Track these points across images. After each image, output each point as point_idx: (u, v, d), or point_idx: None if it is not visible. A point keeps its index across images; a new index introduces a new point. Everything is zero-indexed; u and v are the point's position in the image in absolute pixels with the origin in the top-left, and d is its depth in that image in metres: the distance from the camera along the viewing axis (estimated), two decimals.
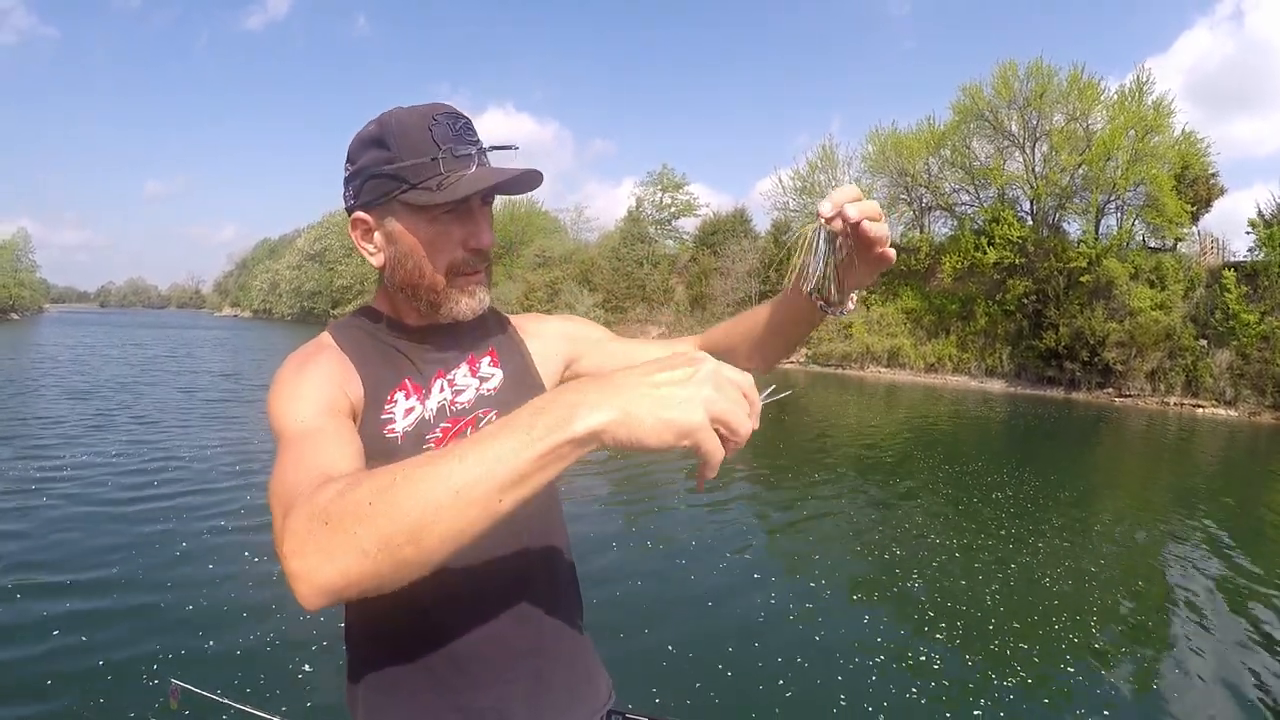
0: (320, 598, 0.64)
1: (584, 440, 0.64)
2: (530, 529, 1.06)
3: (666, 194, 42.15)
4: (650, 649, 4.02)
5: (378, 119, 0.96)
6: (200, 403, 13.23)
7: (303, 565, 0.64)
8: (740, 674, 3.82)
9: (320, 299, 66.51)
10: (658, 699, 3.53)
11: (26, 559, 4.96)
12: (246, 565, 4.98)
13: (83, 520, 5.82)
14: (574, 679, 1.10)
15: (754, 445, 9.38)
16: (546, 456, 0.63)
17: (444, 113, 0.95)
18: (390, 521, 0.62)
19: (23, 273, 71.75)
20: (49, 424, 10.21)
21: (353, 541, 0.62)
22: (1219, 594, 5.46)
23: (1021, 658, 4.16)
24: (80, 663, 3.59)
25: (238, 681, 3.44)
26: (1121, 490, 9.85)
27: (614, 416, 0.64)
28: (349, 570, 0.63)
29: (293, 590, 0.65)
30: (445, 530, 0.62)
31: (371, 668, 1.00)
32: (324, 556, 0.63)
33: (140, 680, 3.45)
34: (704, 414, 0.65)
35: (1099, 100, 25.66)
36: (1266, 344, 20.13)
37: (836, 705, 3.55)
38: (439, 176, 0.91)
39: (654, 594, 4.87)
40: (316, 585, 0.64)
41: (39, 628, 3.96)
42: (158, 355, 25.09)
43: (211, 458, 8.35)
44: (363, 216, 0.97)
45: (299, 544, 0.65)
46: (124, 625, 4.04)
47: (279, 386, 0.93)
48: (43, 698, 3.30)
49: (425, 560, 0.63)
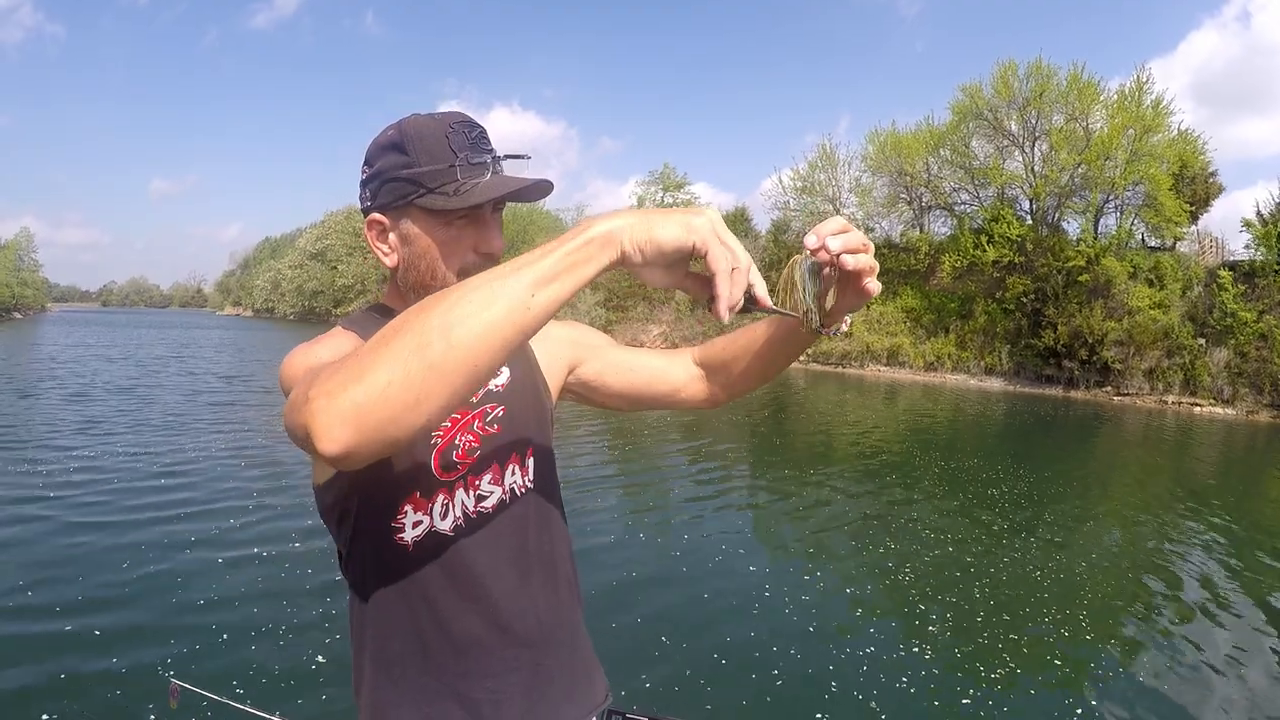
0: (343, 425, 0.64)
1: (606, 239, 0.70)
2: (532, 523, 1.09)
3: (667, 193, 42.24)
4: (648, 645, 4.11)
5: (397, 125, 0.99)
6: (202, 403, 13.29)
7: (328, 398, 0.64)
8: (733, 663, 3.93)
9: (322, 298, 66.56)
10: (646, 683, 3.64)
11: (26, 559, 4.97)
12: (247, 565, 5.01)
13: (83, 520, 5.83)
14: (572, 675, 1.12)
15: (756, 444, 9.52)
16: (574, 254, 0.69)
17: (461, 121, 0.98)
18: (425, 322, 0.65)
19: (25, 272, 71.89)
20: (51, 423, 10.31)
21: (385, 353, 0.64)
22: (1209, 590, 5.56)
23: (1011, 649, 4.27)
24: (80, 663, 3.60)
25: (238, 681, 3.44)
26: (1117, 488, 9.93)
27: (632, 220, 0.71)
28: (378, 382, 0.64)
29: (312, 430, 0.65)
30: (476, 325, 0.65)
31: (375, 650, 1.02)
32: (353, 379, 0.64)
33: (140, 680, 3.45)
34: (710, 225, 0.72)
35: (1098, 100, 25.75)
36: (1264, 342, 20.23)
37: (828, 692, 3.66)
38: (455, 183, 0.95)
39: (653, 592, 4.96)
40: (340, 410, 0.63)
41: (39, 627, 3.98)
42: (162, 355, 25.21)
43: (213, 457, 8.41)
44: (379, 218, 1.00)
45: (326, 381, 0.66)
46: (124, 625, 4.05)
47: (294, 354, 0.95)
48: (43, 697, 3.30)
49: (456, 360, 0.65)
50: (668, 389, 1.24)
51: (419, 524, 0.99)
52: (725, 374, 1.22)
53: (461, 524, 1.01)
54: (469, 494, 1.03)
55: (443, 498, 1.00)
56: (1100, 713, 3.60)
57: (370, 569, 1.01)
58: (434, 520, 0.99)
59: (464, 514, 1.02)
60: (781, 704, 3.57)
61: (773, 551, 6.06)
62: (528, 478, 1.10)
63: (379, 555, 0.99)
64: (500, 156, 0.99)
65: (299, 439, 0.70)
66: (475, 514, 1.03)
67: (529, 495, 1.09)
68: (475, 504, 1.03)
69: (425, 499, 0.98)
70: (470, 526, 1.02)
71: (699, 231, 0.71)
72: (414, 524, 0.98)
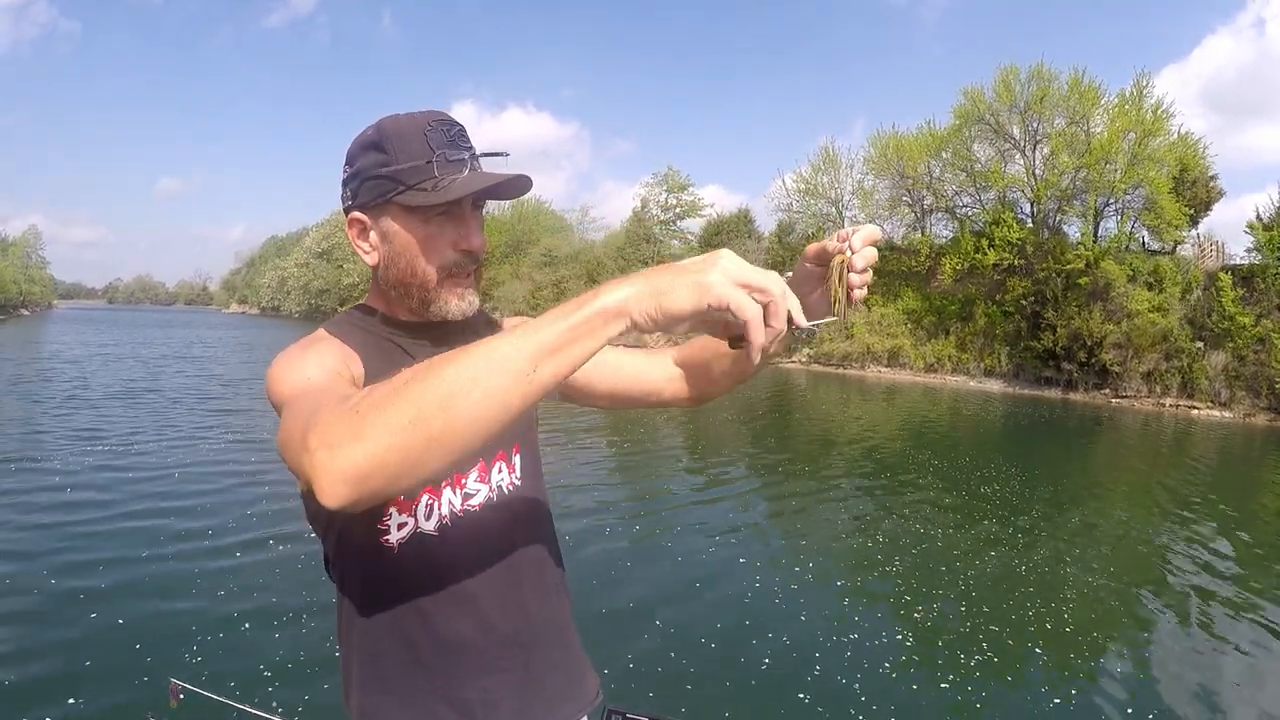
0: (345, 485, 0.63)
1: (614, 312, 0.68)
2: (520, 521, 1.09)
3: (671, 195, 42.43)
4: (645, 641, 4.22)
5: (375, 124, 1.00)
6: (205, 403, 13.33)
7: (329, 451, 0.63)
8: (720, 646, 4.12)
9: (328, 297, 66.88)
10: (635, 668, 3.81)
11: (26, 558, 5.01)
12: (247, 564, 5.05)
13: (83, 520, 5.85)
14: (562, 675, 1.12)
15: (753, 442, 9.68)
16: (578, 328, 0.68)
17: (439, 119, 0.99)
18: (424, 393, 0.64)
19: (33, 269, 72.47)
20: (50, 422, 10.41)
21: (383, 417, 0.63)
22: (1198, 589, 5.69)
23: (991, 639, 4.43)
24: (81, 662, 3.62)
25: (238, 681, 3.44)
26: (1109, 487, 10.06)
27: (638, 289, 0.69)
28: (377, 447, 0.62)
29: (315, 484, 0.64)
30: (478, 399, 0.64)
31: (363, 653, 1.02)
32: (352, 437, 0.63)
33: (140, 680, 3.47)
34: (725, 276, 0.69)
35: (1099, 103, 25.88)
36: (1262, 346, 20.34)
37: (811, 674, 3.86)
38: (433, 179, 0.95)
39: (652, 589, 5.09)
40: (342, 470, 0.63)
41: (39, 627, 4.00)
42: (165, 355, 25.39)
43: (215, 458, 8.46)
44: (359, 216, 1.01)
45: (325, 431, 0.65)
46: (124, 624, 4.06)
47: (280, 366, 0.93)
48: (43, 697, 3.31)
49: (454, 433, 0.64)
50: (650, 388, 1.25)
51: (403, 526, 0.98)
52: (706, 374, 1.22)
53: (447, 523, 1.01)
54: (455, 492, 1.03)
55: (428, 498, 1.00)
56: (1076, 703, 3.75)
57: (356, 572, 1.01)
58: (419, 521, 0.99)
59: (450, 513, 1.02)
60: (765, 683, 3.74)
61: (765, 544, 6.23)
62: (514, 475, 1.11)
63: (365, 558, 0.99)
64: (478, 154, 1.01)
65: (298, 477, 0.69)
66: (462, 513, 1.02)
67: (516, 493, 1.10)
68: (462, 502, 1.03)
69: (409, 500, 0.98)
70: (457, 526, 1.02)
71: (714, 290, 0.68)
72: (398, 526, 0.98)
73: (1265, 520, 8.40)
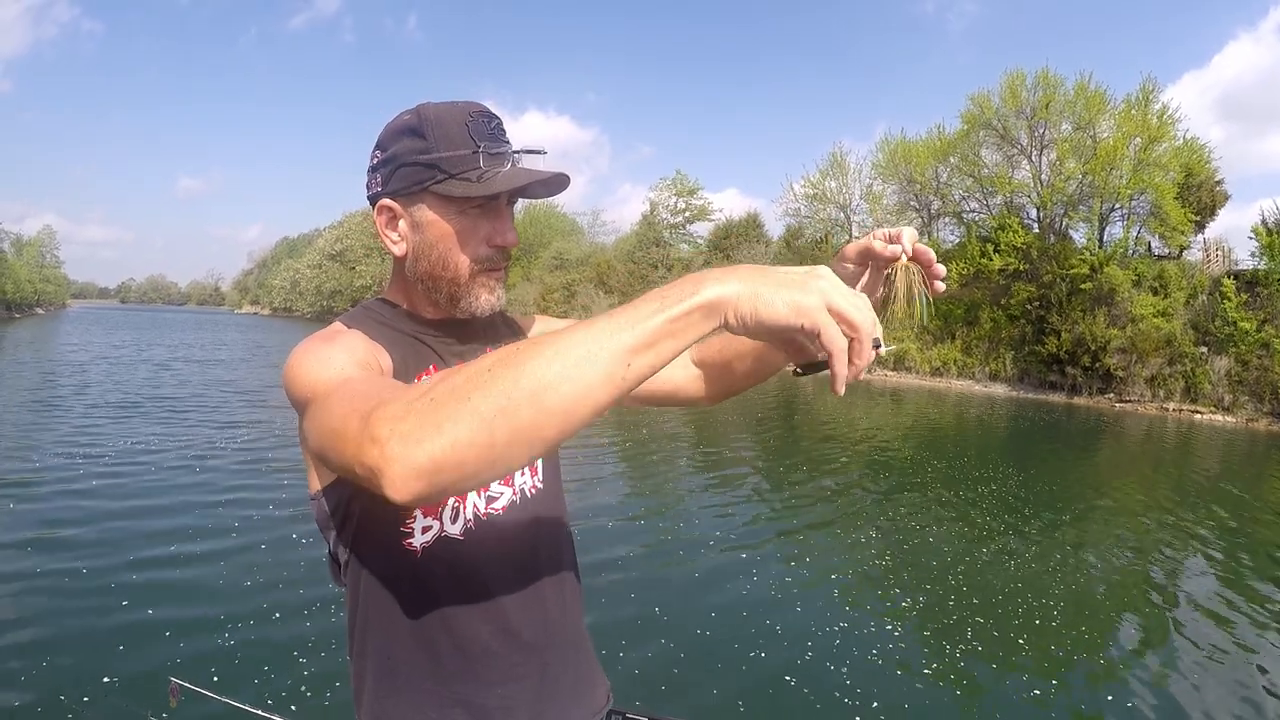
0: (418, 479, 0.59)
1: (712, 307, 0.64)
2: (541, 524, 1.08)
3: (680, 198, 42.66)
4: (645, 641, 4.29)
5: (414, 109, 0.97)
6: (206, 403, 13.24)
7: (403, 442, 0.59)
8: (715, 635, 4.34)
9: (340, 298, 67.46)
10: (635, 668, 3.99)
11: (26, 557, 5.01)
12: (248, 564, 5.04)
13: (83, 520, 5.85)
14: (577, 678, 1.10)
15: (759, 443, 9.85)
16: (677, 321, 0.63)
17: (479, 111, 0.96)
18: (513, 382, 0.59)
19: (48, 269, 73.31)
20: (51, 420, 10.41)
21: (466, 408, 0.59)
22: (1199, 590, 5.76)
23: (978, 632, 4.61)
24: (81, 662, 3.62)
25: (237, 681, 3.44)
26: (1110, 490, 10.10)
27: (740, 289, 0.64)
28: (458, 441, 0.58)
29: (382, 477, 0.59)
30: (569, 392, 0.60)
31: (379, 658, 0.99)
32: (431, 428, 0.59)
33: (140, 680, 3.45)
34: (822, 300, 0.65)
35: (1105, 109, 26.01)
36: (1265, 351, 20.42)
37: (801, 659, 4.09)
38: (478, 169, 0.93)
39: (653, 588, 5.17)
40: (417, 463, 0.58)
41: (39, 626, 4.01)
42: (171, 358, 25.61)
43: (217, 457, 8.46)
44: (390, 204, 0.97)
45: (397, 422, 0.60)
46: (124, 624, 4.06)
47: (302, 358, 0.87)
48: (43, 696, 3.30)
49: (542, 428, 0.60)
50: (669, 388, 1.22)
51: (428, 529, 0.96)
52: (727, 373, 1.21)
53: (472, 527, 0.99)
54: (480, 495, 1.01)
55: (454, 500, 0.98)
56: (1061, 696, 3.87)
57: (374, 576, 0.97)
58: (444, 524, 0.97)
59: (474, 516, 1.00)
60: (765, 683, 3.88)
61: (769, 545, 6.37)
62: (536, 478, 1.09)
63: (385, 562, 0.96)
64: (517, 150, 0.99)
65: (350, 471, 0.64)
66: (485, 516, 1.01)
67: (538, 496, 1.08)
68: (486, 505, 1.01)
69: (436, 503, 0.95)
70: (480, 530, 1.00)
71: (808, 314, 0.64)
72: (423, 529, 0.96)
73: (1265, 523, 8.53)
